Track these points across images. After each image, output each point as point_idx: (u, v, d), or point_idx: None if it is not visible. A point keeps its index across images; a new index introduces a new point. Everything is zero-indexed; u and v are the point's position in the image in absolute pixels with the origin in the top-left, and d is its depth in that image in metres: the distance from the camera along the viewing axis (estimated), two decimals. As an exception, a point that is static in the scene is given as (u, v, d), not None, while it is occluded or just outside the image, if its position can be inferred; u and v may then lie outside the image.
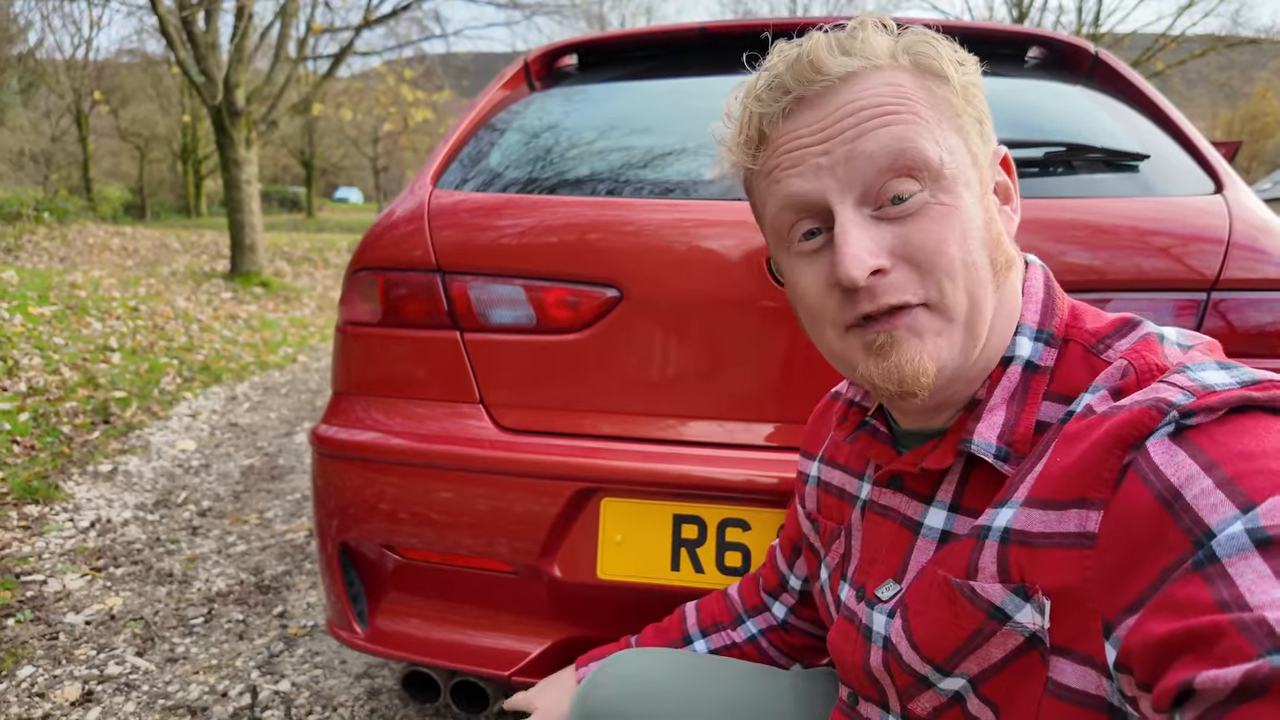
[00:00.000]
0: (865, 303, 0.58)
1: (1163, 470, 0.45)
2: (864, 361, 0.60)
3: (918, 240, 0.57)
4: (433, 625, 1.31)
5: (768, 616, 0.96)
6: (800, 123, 0.60)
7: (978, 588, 0.56)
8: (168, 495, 3.14)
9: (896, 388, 0.59)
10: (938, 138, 0.58)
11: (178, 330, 6.27)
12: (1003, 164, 0.67)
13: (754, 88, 0.63)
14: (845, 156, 0.58)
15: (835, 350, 0.64)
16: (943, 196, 0.58)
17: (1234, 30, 22.86)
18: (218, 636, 2.03)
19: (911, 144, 0.57)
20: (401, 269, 1.30)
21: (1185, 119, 1.35)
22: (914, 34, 0.62)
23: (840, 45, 0.60)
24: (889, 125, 0.57)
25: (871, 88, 0.59)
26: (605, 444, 1.21)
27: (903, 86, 0.59)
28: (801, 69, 0.59)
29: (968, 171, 0.59)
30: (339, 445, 1.29)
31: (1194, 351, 0.55)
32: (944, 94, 0.60)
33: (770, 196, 0.63)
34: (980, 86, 0.63)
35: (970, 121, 0.61)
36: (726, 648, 0.95)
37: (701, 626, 0.98)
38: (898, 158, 0.57)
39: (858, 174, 0.58)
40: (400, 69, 16.30)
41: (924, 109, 0.59)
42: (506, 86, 1.62)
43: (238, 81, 9.89)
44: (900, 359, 0.58)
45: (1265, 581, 0.38)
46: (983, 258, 0.59)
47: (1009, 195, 0.67)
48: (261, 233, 10.56)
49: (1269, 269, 1.12)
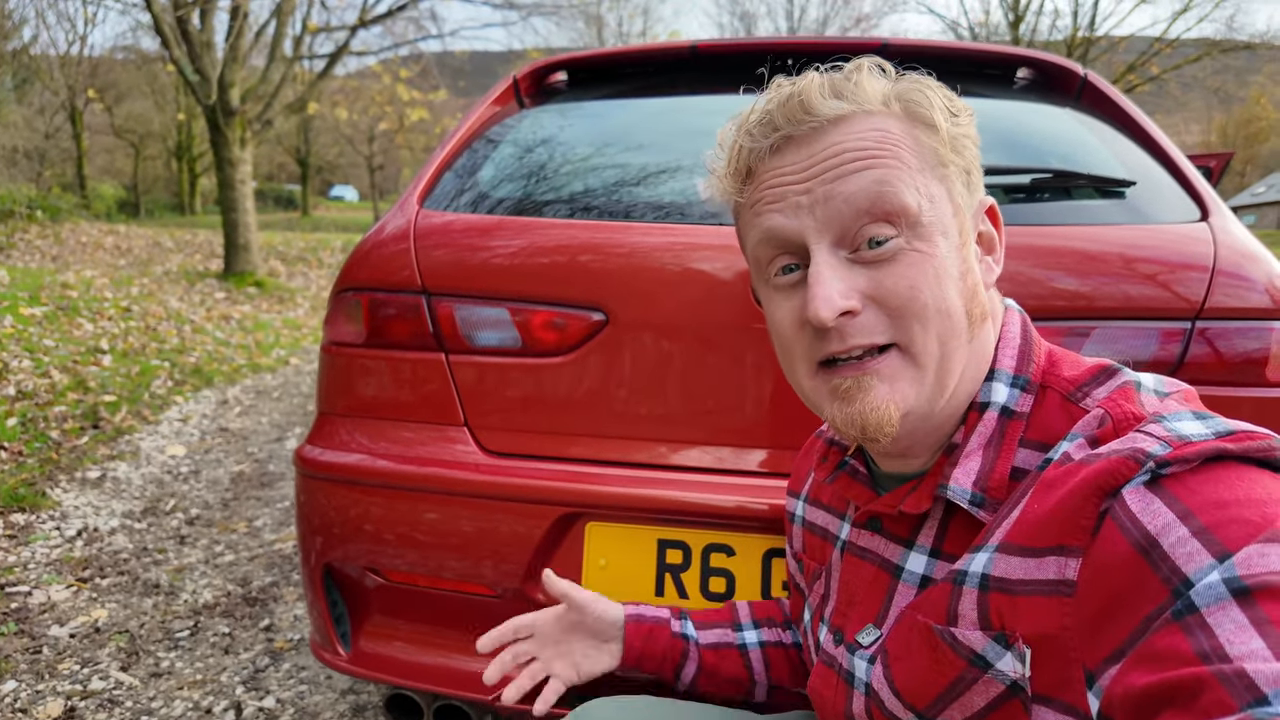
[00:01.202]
0: (834, 343, 0.59)
1: (1139, 518, 0.46)
2: (830, 405, 0.62)
3: (890, 285, 0.58)
4: (416, 648, 1.31)
5: (777, 633, 0.96)
6: (786, 160, 0.61)
7: (959, 634, 0.56)
8: (156, 503, 3.13)
9: (860, 434, 0.60)
10: (918, 185, 0.59)
11: (170, 331, 6.25)
12: (989, 214, 0.67)
13: (746, 121, 0.64)
14: (824, 197, 0.59)
15: (805, 389, 0.65)
16: (919, 244, 0.58)
17: (1229, 35, 22.96)
18: (203, 650, 2.02)
19: (890, 189, 0.58)
20: (387, 290, 1.29)
21: (1171, 143, 1.35)
22: (908, 81, 0.62)
23: (833, 88, 0.61)
24: (870, 169, 0.58)
25: (858, 132, 0.59)
26: (590, 468, 1.21)
27: (890, 133, 0.60)
28: (792, 109, 0.60)
29: (947, 221, 0.60)
30: (323, 467, 1.28)
31: (1170, 400, 0.56)
32: (931, 143, 0.61)
33: (752, 229, 0.64)
34: (973, 138, 0.64)
35: (956, 171, 0.62)
36: (774, 644, 0.94)
37: (754, 618, 0.97)
38: (876, 201, 0.57)
39: (835, 215, 0.58)
40: (396, 68, 16.29)
41: (908, 156, 0.59)
42: (496, 103, 1.62)
43: (232, 80, 9.86)
44: (865, 405, 0.59)
45: (1244, 632, 0.39)
46: (957, 307, 0.59)
47: (993, 246, 0.67)
48: (256, 232, 10.53)
49: (1253, 296, 1.12)
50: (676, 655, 0.91)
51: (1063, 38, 23.24)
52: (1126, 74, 22.18)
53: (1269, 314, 1.11)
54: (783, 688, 0.93)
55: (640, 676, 0.94)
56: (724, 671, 0.91)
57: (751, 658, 0.92)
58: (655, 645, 0.91)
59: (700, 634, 0.93)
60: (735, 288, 1.17)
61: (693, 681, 0.92)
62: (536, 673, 0.91)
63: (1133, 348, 1.12)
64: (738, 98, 1.56)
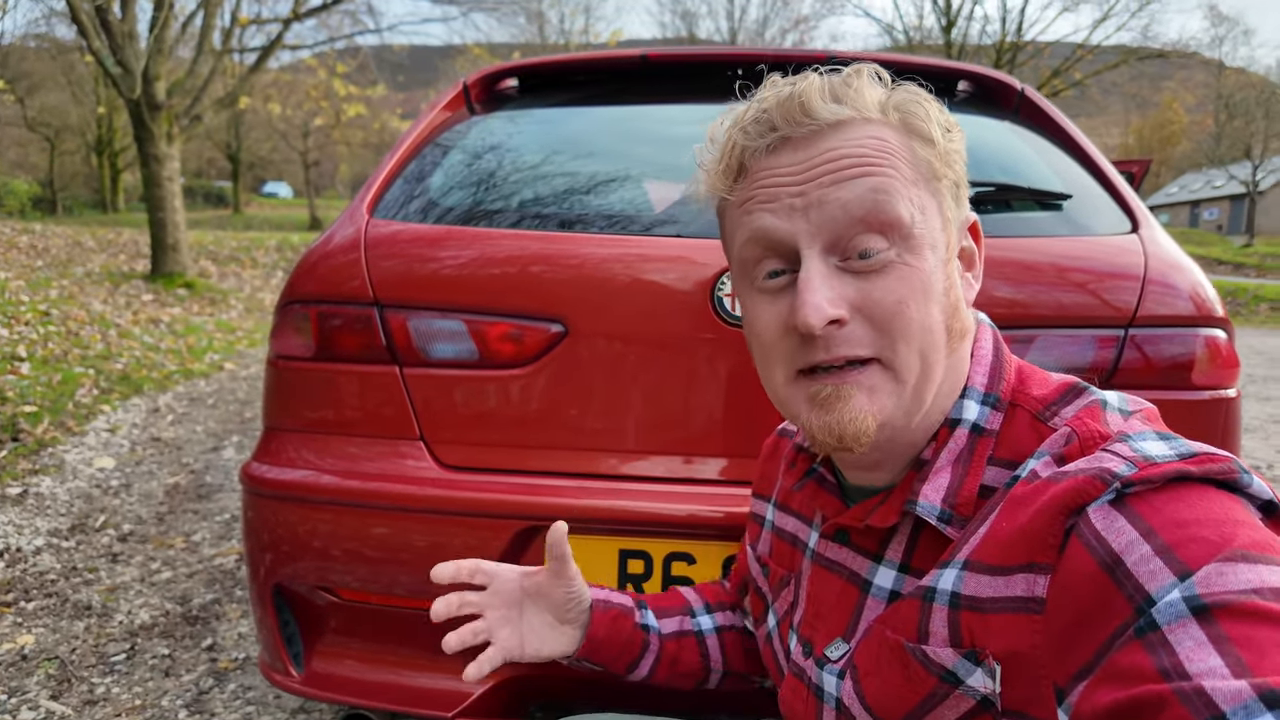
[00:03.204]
0: (820, 351, 0.59)
1: (1105, 536, 0.47)
2: (806, 412, 0.61)
3: (878, 298, 0.58)
4: (372, 666, 1.28)
5: (731, 617, 0.93)
6: (782, 161, 0.60)
7: (929, 652, 0.57)
8: (84, 519, 2.98)
9: (836, 442, 0.60)
10: (912, 197, 0.59)
11: (94, 337, 5.95)
12: (971, 230, 0.68)
13: (741, 118, 0.63)
14: (819, 201, 0.58)
15: (781, 395, 0.64)
16: (909, 257, 0.58)
17: (1144, 43, 24.12)
18: (141, 674, 1.93)
19: (886, 198, 0.58)
20: (337, 301, 1.26)
21: (1102, 156, 1.41)
22: (906, 93, 0.63)
23: (833, 92, 0.60)
24: (868, 176, 0.58)
25: (857, 138, 0.59)
26: (550, 480, 1.20)
27: (887, 142, 0.60)
28: (791, 110, 0.60)
29: (936, 235, 0.61)
30: (272, 484, 1.24)
31: (1134, 420, 0.58)
32: (927, 155, 0.61)
33: (741, 228, 0.63)
34: (962, 155, 0.64)
35: (947, 185, 0.62)
36: (729, 628, 0.92)
37: (707, 603, 0.94)
38: (871, 210, 0.57)
39: (829, 221, 0.58)
40: (332, 62, 15.83)
41: (904, 167, 0.60)
42: (446, 108, 1.59)
43: (158, 74, 9.42)
44: (843, 414, 0.59)
45: (1202, 649, 0.40)
46: (939, 323, 0.60)
47: (973, 262, 0.68)
48: (185, 231, 10.10)
49: (1180, 304, 1.18)
50: (635, 649, 0.87)
51: (992, 43, 24.07)
52: (1052, 79, 23.11)
53: (1194, 321, 1.17)
54: (736, 673, 0.92)
55: (583, 667, 0.87)
56: (683, 662, 0.89)
57: (708, 644, 0.90)
58: (618, 635, 0.85)
59: (661, 623, 0.90)
60: (694, 298, 1.18)
61: (649, 674, 0.88)
62: (479, 630, 0.80)
63: (1070, 354, 1.17)
64: (688, 106, 1.58)
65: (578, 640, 0.84)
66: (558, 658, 0.85)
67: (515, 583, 0.84)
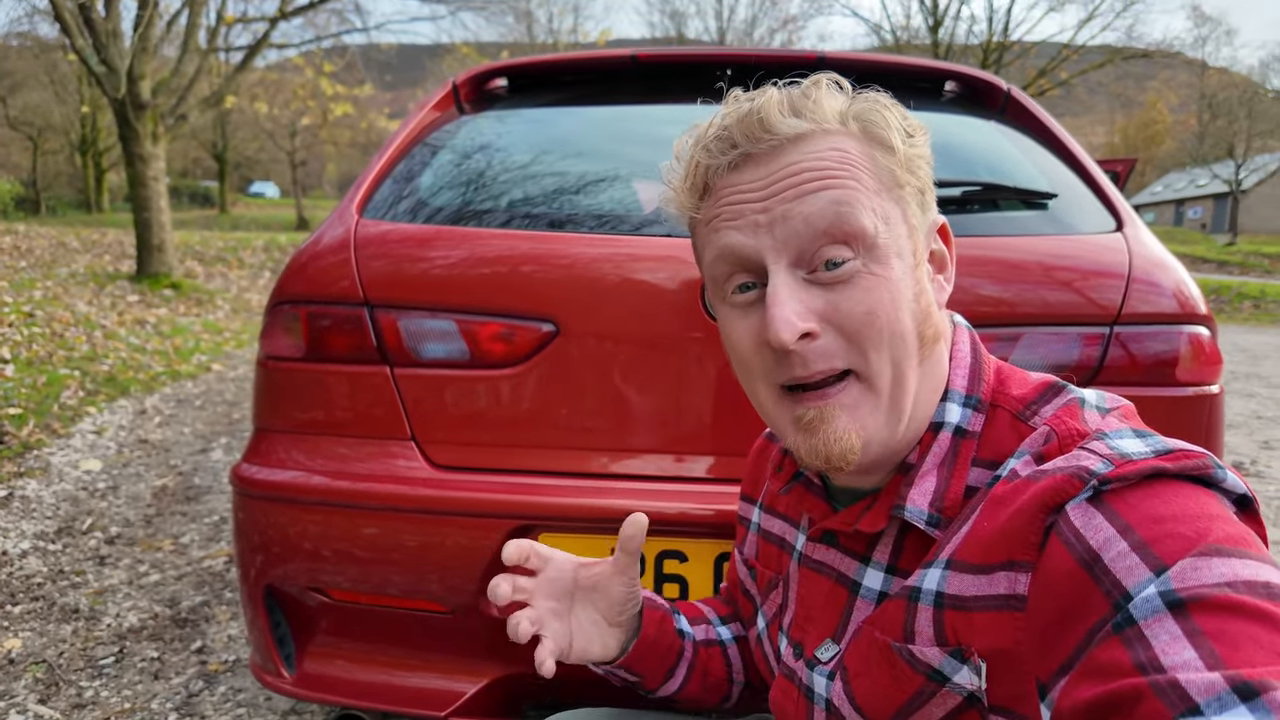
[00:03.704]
0: (798, 368, 0.59)
1: (1083, 533, 0.48)
2: (793, 434, 0.62)
3: (846, 309, 0.58)
4: (364, 667, 1.28)
5: (740, 629, 0.91)
6: (745, 177, 0.61)
7: (916, 651, 0.57)
8: (71, 522, 2.96)
9: (824, 464, 0.60)
10: (875, 206, 0.59)
11: (79, 338, 5.90)
12: (940, 233, 0.68)
13: (704, 136, 0.63)
14: (783, 216, 0.59)
15: (768, 411, 0.65)
16: (874, 267, 0.59)
17: (1129, 43, 24.33)
18: (130, 677, 1.92)
19: (849, 209, 0.58)
20: (327, 302, 1.26)
21: (1087, 155, 1.43)
22: (866, 101, 0.63)
23: (792, 106, 0.61)
24: (828, 189, 0.58)
25: (817, 151, 0.60)
26: (543, 479, 1.20)
27: (848, 153, 0.60)
28: (750, 126, 0.60)
29: (902, 242, 0.61)
30: (262, 485, 1.24)
31: (1111, 417, 0.58)
32: (888, 164, 0.61)
33: (709, 246, 0.64)
34: (927, 158, 0.65)
35: (911, 192, 0.63)
36: (744, 639, 0.90)
37: (720, 615, 0.92)
38: (834, 222, 0.58)
39: (793, 235, 0.59)
40: (319, 61, 15.74)
41: (866, 176, 0.60)
42: (435, 108, 1.59)
43: (143, 73, 9.33)
44: (828, 436, 0.59)
45: (1177, 643, 0.41)
46: (910, 330, 0.60)
47: (944, 265, 0.69)
48: (170, 231, 10.01)
49: (1163, 302, 1.20)
50: (674, 656, 0.82)
51: (979, 43, 24.21)
52: (1038, 78, 23.27)
53: (1178, 319, 1.19)
54: (753, 685, 0.90)
55: (616, 675, 0.81)
56: (712, 672, 0.86)
57: (730, 653, 0.89)
58: (663, 639, 0.80)
59: (694, 629, 0.86)
60: (684, 296, 1.18)
61: (679, 687, 0.83)
62: (535, 620, 0.72)
63: (1056, 352, 1.18)
64: (677, 106, 1.59)
65: (621, 644, 0.78)
66: (597, 661, 0.78)
67: (570, 573, 0.76)
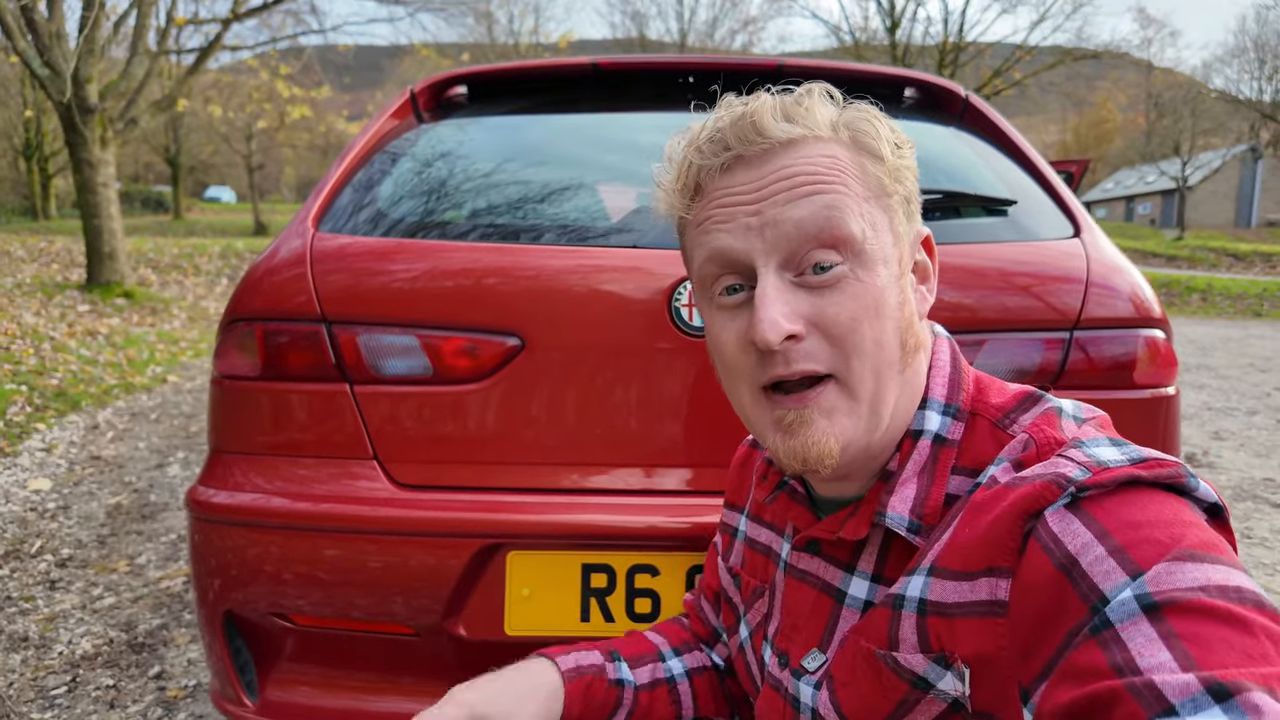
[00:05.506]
0: (780, 366, 0.60)
1: (1061, 539, 0.49)
2: (772, 435, 0.63)
3: (832, 314, 0.59)
4: (330, 693, 1.25)
5: (699, 657, 0.90)
6: (736, 180, 0.62)
7: (900, 659, 0.58)
8: (19, 545, 2.85)
9: (801, 466, 0.61)
10: (863, 213, 0.60)
11: (26, 351, 5.70)
12: (924, 244, 0.69)
13: (697, 138, 0.64)
14: (774, 220, 0.60)
15: (748, 413, 0.65)
16: (861, 273, 0.60)
17: (1079, 44, 24.99)
18: (84, 707, 1.85)
19: (838, 214, 0.59)
20: (283, 318, 1.22)
21: (1044, 161, 1.45)
22: (857, 111, 0.64)
23: (784, 111, 0.62)
24: (819, 194, 0.59)
25: (809, 156, 0.61)
26: (510, 497, 1.19)
27: (838, 159, 0.61)
28: (744, 129, 0.61)
29: (888, 250, 0.62)
30: (219, 509, 1.20)
31: (1087, 426, 0.60)
32: (877, 172, 0.63)
33: (699, 247, 0.64)
34: (913, 170, 0.66)
35: (898, 201, 0.64)
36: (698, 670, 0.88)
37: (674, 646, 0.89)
38: (824, 226, 0.59)
39: (783, 238, 0.59)
40: (275, 63, 15.42)
41: (855, 183, 0.61)
42: (393, 117, 1.56)
43: (89, 76, 9.04)
44: (807, 439, 0.60)
45: (1152, 645, 0.42)
46: (893, 339, 0.61)
47: (927, 275, 0.70)
48: (122, 238, 9.71)
49: (1120, 306, 1.22)
50: (608, 710, 0.81)
51: (936, 44, 24.65)
52: (993, 79, 23.78)
53: (1135, 322, 1.21)
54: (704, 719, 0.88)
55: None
56: (655, 714, 0.84)
57: (680, 691, 0.87)
58: (592, 701, 0.80)
59: (635, 674, 0.85)
60: (651, 307, 1.17)
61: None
62: None
63: (1018, 357, 1.20)
64: (639, 114, 1.58)
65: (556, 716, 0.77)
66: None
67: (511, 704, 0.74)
